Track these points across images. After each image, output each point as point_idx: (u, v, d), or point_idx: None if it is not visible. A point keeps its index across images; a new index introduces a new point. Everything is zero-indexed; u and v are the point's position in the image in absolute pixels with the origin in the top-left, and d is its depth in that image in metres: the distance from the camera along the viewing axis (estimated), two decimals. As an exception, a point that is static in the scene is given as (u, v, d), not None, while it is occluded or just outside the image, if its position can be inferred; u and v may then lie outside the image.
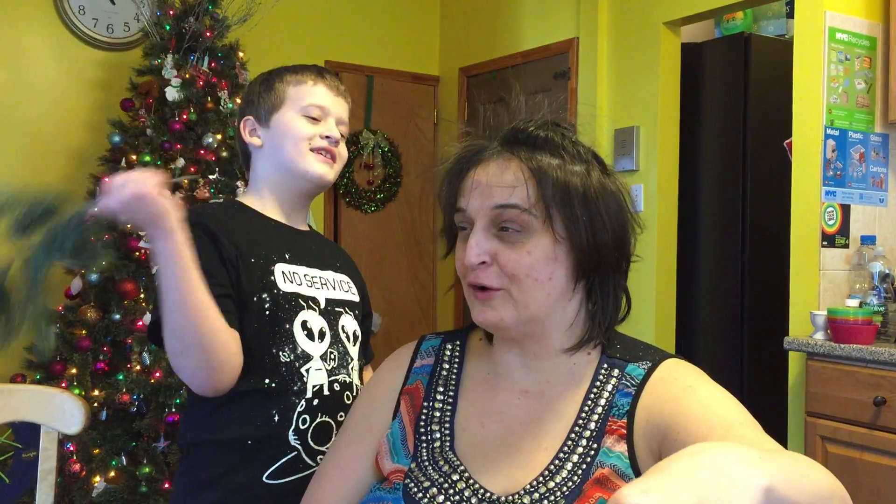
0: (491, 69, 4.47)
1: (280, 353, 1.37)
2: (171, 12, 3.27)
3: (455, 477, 0.99)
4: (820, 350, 2.57)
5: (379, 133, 4.52)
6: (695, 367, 1.03)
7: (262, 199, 1.51)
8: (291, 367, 1.37)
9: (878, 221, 2.94)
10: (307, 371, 1.38)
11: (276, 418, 1.35)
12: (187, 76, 3.19)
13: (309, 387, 1.38)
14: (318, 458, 1.36)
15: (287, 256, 1.44)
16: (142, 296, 2.98)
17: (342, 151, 1.53)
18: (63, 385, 2.89)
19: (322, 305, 1.45)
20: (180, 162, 3.08)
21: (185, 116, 3.16)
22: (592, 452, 0.96)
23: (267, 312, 1.37)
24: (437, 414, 1.07)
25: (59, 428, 1.47)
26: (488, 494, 0.97)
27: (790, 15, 3.66)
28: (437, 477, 0.99)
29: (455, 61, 4.70)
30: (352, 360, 1.47)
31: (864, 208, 2.91)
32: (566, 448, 0.98)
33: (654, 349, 1.06)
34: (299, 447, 1.36)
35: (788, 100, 2.93)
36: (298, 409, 1.37)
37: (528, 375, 1.05)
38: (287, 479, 1.35)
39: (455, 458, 1.01)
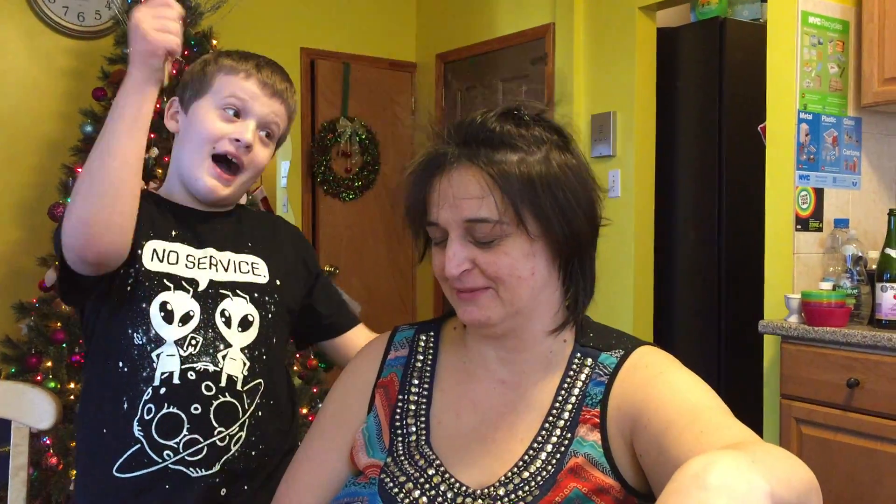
0: (468, 55, 4.45)
1: (134, 334, 1.32)
2: None
3: (431, 471, 0.99)
4: (794, 333, 2.59)
5: (356, 121, 4.50)
6: (667, 354, 1.03)
7: (173, 186, 1.43)
8: (143, 350, 1.31)
9: (850, 205, 2.96)
10: (157, 356, 1.31)
11: (125, 406, 1.31)
12: (160, 65, 3.15)
13: (157, 374, 1.31)
14: (165, 453, 1.30)
15: (172, 234, 1.37)
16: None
17: (256, 158, 1.39)
18: (38, 378, 2.87)
19: (201, 287, 1.36)
20: (154, 151, 3.05)
21: (158, 105, 3.11)
22: (566, 442, 0.97)
23: (128, 288, 1.32)
24: (413, 407, 1.06)
25: (29, 423, 1.46)
26: (464, 488, 0.97)
27: (765, -1, 3.66)
28: (412, 471, 0.99)
29: (432, 47, 4.68)
30: (227, 346, 1.35)
31: (837, 192, 2.93)
32: (540, 438, 0.98)
33: (626, 337, 1.06)
34: (142, 439, 1.30)
35: (763, 84, 2.94)
36: (144, 397, 1.31)
37: (504, 366, 1.05)
38: (137, 474, 1.30)
39: (430, 452, 1.01)
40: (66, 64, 3.68)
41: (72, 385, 2.87)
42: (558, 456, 0.96)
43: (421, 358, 1.11)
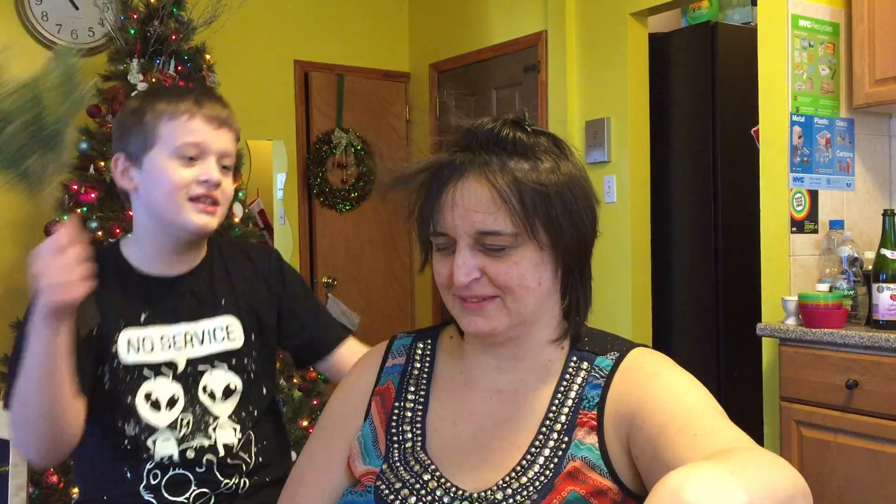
0: (461, 64, 4.46)
1: (126, 425, 1.35)
2: (135, 16, 3.24)
3: (426, 477, 0.99)
4: (792, 335, 2.59)
5: (351, 132, 4.51)
6: (662, 354, 1.03)
7: (138, 246, 1.42)
8: (137, 439, 1.35)
9: (845, 206, 2.97)
10: (154, 443, 1.35)
11: (128, 475, 1.34)
12: (154, 80, 3.16)
13: (156, 457, 1.35)
14: None
15: (143, 318, 1.37)
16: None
17: (226, 189, 1.40)
18: (38, 396, 2.87)
19: (180, 369, 1.38)
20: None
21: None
22: (564, 446, 0.97)
23: (106, 386, 1.35)
24: (409, 414, 1.06)
25: (28, 443, 1.46)
26: (460, 492, 0.97)
27: (755, 2, 3.68)
28: (408, 477, 0.99)
29: (425, 57, 4.69)
30: (216, 418, 1.38)
31: (831, 193, 2.93)
32: (537, 442, 0.98)
33: (621, 340, 1.06)
34: (153, 500, 1.34)
35: (755, 87, 2.95)
36: (147, 466, 1.34)
37: (502, 375, 1.05)
38: None
39: (426, 458, 1.01)
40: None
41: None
42: (556, 460, 0.96)
43: (418, 366, 1.11)
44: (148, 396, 1.35)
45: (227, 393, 1.41)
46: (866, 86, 2.79)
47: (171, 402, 1.36)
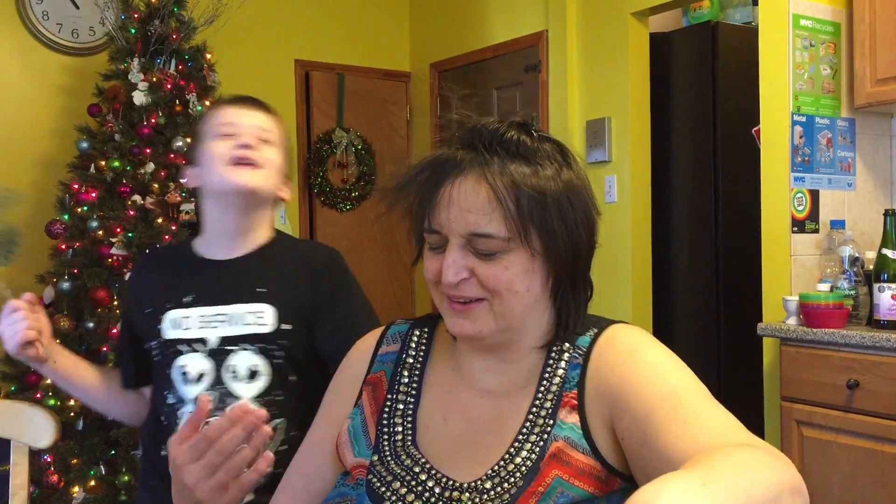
0: (462, 64, 4.46)
1: (168, 394, 1.49)
2: (136, 16, 3.24)
3: (417, 469, 0.99)
4: (793, 335, 2.59)
5: (352, 131, 4.51)
6: (641, 329, 1.03)
7: (206, 235, 1.58)
8: (173, 408, 1.49)
9: (846, 205, 2.97)
10: (182, 414, 1.46)
11: (163, 452, 1.48)
12: (154, 80, 3.16)
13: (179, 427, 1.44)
14: None
15: (187, 300, 1.51)
16: (115, 303, 2.95)
17: (269, 155, 1.52)
18: (38, 396, 2.87)
19: (210, 345, 1.47)
20: (150, 167, 3.06)
21: (153, 120, 3.13)
22: (549, 428, 0.97)
23: (156, 357, 1.52)
24: (400, 407, 1.06)
25: (29, 442, 1.46)
26: (451, 482, 0.97)
27: (756, 2, 3.67)
28: (399, 471, 1.00)
29: (426, 57, 4.69)
30: (237, 399, 1.44)
31: (832, 193, 2.93)
32: (524, 430, 0.98)
33: (604, 320, 1.05)
34: None
35: (756, 87, 2.95)
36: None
37: (493, 377, 1.05)
38: None
39: (417, 452, 1.01)
40: (60, 81, 3.69)
41: (71, 402, 2.87)
42: (541, 444, 0.96)
43: (413, 353, 1.11)
44: (181, 369, 1.47)
45: (252, 376, 1.47)
46: (867, 85, 2.79)
47: (199, 378, 1.46)
